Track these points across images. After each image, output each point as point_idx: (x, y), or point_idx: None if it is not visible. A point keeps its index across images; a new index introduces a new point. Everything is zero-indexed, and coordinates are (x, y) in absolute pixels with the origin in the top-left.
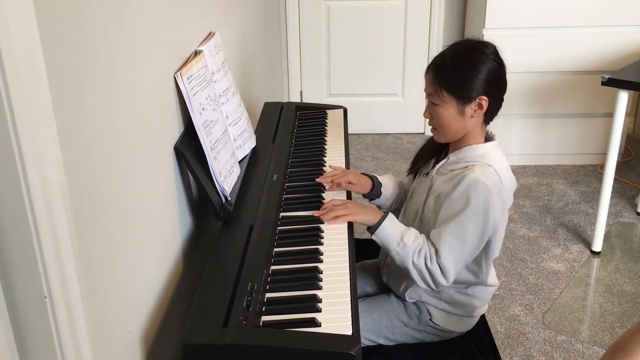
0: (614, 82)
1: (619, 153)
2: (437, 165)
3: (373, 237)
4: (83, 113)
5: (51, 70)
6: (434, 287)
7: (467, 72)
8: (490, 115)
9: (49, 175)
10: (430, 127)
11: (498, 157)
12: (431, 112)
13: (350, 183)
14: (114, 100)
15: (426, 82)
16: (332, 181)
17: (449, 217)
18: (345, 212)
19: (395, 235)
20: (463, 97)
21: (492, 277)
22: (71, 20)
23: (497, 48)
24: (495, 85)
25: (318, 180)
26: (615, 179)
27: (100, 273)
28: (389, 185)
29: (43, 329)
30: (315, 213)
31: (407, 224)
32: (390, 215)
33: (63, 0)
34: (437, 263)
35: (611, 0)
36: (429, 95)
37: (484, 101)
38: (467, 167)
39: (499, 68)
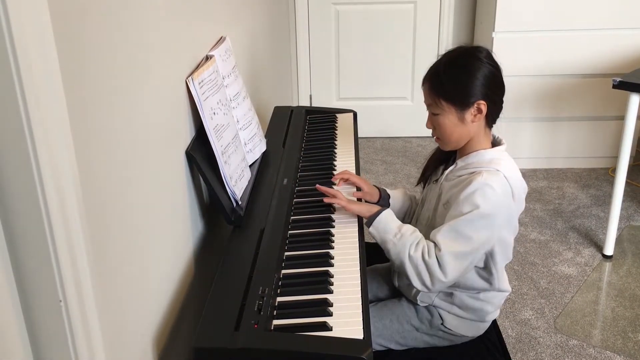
0: (625, 85)
1: (631, 156)
2: (446, 172)
3: (370, 229)
4: (96, 118)
5: (65, 75)
6: (429, 284)
7: (462, 79)
8: (491, 118)
9: (64, 181)
10: (434, 137)
11: (507, 162)
12: (433, 122)
13: (359, 189)
14: (126, 105)
15: (424, 93)
16: (342, 178)
17: (454, 217)
18: (342, 198)
19: (393, 227)
20: (461, 104)
21: (505, 282)
22: (85, 27)
23: (490, 51)
24: (492, 88)
25: (333, 179)
26: (626, 182)
27: (113, 277)
28: (398, 199)
29: (58, 333)
30: (319, 186)
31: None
32: (389, 210)
33: (76, 7)
34: (436, 256)
35: (621, 2)
36: (428, 106)
37: (483, 105)
38: (474, 172)
39: (494, 71)
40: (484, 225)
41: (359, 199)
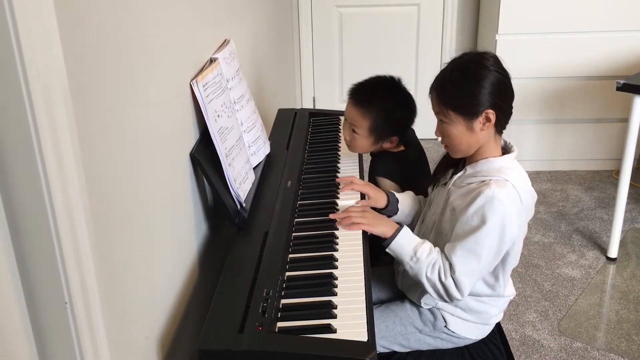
0: (629, 88)
1: (634, 159)
2: (454, 177)
3: (387, 250)
4: (100, 121)
5: (71, 78)
6: (448, 300)
7: (469, 89)
8: (501, 125)
9: (70, 183)
10: (444, 145)
11: (516, 170)
12: (441, 131)
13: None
14: (131, 107)
15: (432, 102)
16: (349, 183)
17: (465, 233)
18: (362, 220)
19: (409, 249)
20: (469, 113)
21: (509, 288)
22: (89, 30)
23: (498, 57)
24: (500, 97)
25: (338, 180)
26: (630, 184)
27: (118, 279)
28: (406, 203)
29: (63, 334)
30: (332, 215)
31: (424, 234)
32: (405, 229)
33: (80, 11)
34: (452, 278)
35: (625, 4)
36: (436, 114)
37: (491, 114)
38: (483, 181)
39: (502, 78)
40: (494, 239)
41: None
